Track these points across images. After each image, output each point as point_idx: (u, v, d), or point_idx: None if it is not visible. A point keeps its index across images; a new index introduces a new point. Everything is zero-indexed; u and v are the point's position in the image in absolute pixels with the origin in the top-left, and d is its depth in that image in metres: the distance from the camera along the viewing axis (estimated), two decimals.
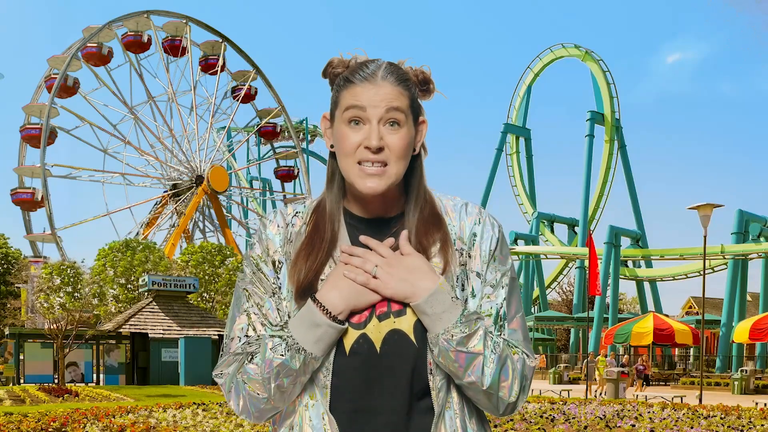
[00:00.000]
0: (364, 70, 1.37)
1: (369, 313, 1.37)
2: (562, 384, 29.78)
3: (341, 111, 1.37)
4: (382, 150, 1.34)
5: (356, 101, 1.35)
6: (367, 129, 1.35)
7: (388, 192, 1.38)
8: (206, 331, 29.47)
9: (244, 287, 1.44)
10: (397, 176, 1.36)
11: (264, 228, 1.46)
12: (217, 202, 54.42)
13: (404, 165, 1.37)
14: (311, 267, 1.38)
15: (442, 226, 1.42)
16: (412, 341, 1.35)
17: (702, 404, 14.80)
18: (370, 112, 1.34)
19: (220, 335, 27.24)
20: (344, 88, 1.38)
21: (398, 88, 1.37)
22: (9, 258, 42.72)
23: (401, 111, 1.36)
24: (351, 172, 1.36)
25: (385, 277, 1.34)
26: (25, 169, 50.59)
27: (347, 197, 1.44)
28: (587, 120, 49.15)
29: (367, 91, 1.35)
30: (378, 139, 1.33)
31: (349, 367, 1.36)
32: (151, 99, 55.42)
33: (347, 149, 1.36)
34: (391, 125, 1.35)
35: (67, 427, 9.56)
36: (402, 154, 1.36)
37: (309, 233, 1.42)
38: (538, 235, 50.44)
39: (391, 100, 1.35)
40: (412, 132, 1.39)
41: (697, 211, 19.16)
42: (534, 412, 11.79)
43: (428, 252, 1.38)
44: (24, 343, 26.12)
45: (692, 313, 49.63)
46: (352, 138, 1.35)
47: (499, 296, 1.41)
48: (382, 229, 1.42)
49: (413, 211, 1.41)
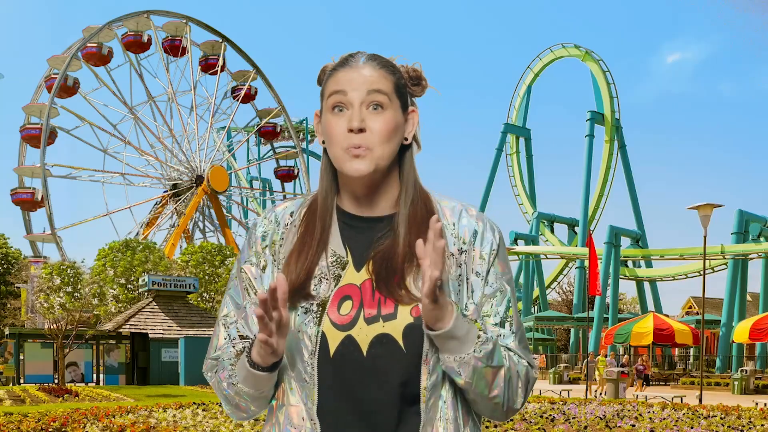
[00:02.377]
0: (348, 60, 1.37)
1: (355, 313, 1.34)
2: (562, 384, 29.76)
3: (325, 99, 1.37)
4: (364, 131, 1.32)
5: (337, 86, 1.34)
6: (349, 113, 1.34)
7: (378, 181, 1.37)
8: (206, 331, 29.43)
9: (228, 294, 1.48)
10: (382, 158, 1.34)
11: (253, 229, 1.46)
12: (217, 202, 54.41)
13: (390, 149, 1.35)
14: (303, 267, 1.37)
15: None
16: (400, 346, 1.31)
17: (702, 404, 14.79)
18: (351, 96, 1.33)
19: None
20: (329, 77, 1.38)
21: (381, 71, 1.36)
22: (9, 258, 42.75)
23: (383, 93, 1.34)
24: (339, 158, 1.35)
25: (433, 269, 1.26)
26: (25, 169, 50.58)
27: (340, 194, 1.42)
28: (587, 120, 49.14)
29: (347, 75, 1.34)
30: (359, 120, 1.32)
31: (334, 369, 1.33)
32: (151, 99, 55.42)
33: (333, 136, 1.34)
34: (374, 108, 1.34)
35: (67, 427, 9.55)
36: (386, 137, 1.34)
37: (301, 233, 1.41)
38: (538, 235, 50.41)
39: (372, 83, 1.34)
40: (398, 117, 1.37)
41: (697, 211, 19.16)
42: (534, 412, 11.78)
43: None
44: (24, 343, 26.09)
45: (692, 313, 49.60)
46: (336, 124, 1.34)
47: (501, 303, 1.39)
48: (375, 227, 1.39)
49: (405, 206, 1.38)
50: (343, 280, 1.37)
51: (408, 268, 1.34)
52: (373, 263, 1.36)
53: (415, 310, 1.32)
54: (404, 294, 1.33)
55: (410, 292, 1.33)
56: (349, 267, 1.38)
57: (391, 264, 1.35)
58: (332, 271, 1.37)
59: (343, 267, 1.38)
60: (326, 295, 1.36)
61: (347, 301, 1.35)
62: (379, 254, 1.36)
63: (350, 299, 1.35)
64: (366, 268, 1.37)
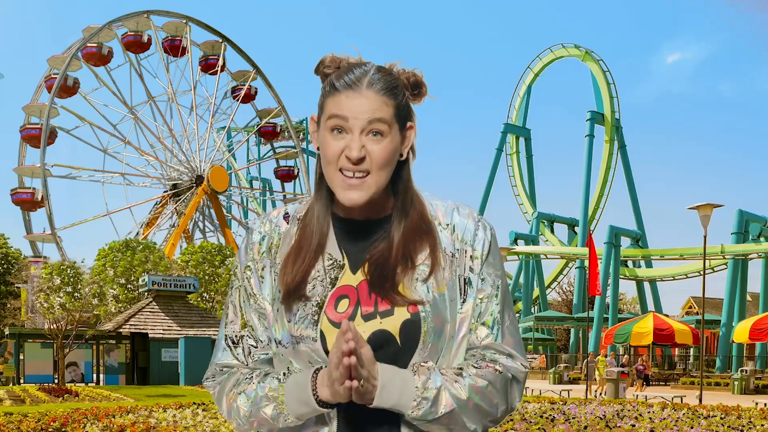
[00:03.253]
0: (350, 76, 1.35)
1: (352, 311, 1.36)
2: (562, 384, 29.75)
3: (325, 118, 1.36)
4: (363, 160, 1.33)
5: (339, 111, 1.34)
6: (348, 138, 1.34)
7: (372, 199, 1.37)
8: (206, 331, 29.46)
9: (230, 300, 1.50)
10: (378, 186, 1.35)
11: (250, 234, 1.48)
12: (217, 202, 54.43)
13: (386, 174, 1.36)
14: (299, 270, 1.39)
15: (430, 231, 1.41)
16: (397, 343, 1.33)
17: (702, 404, 14.79)
18: (352, 123, 1.33)
19: None
20: (329, 94, 1.37)
21: (383, 98, 1.35)
22: (9, 258, 42.76)
23: (384, 122, 1.34)
24: (333, 181, 1.36)
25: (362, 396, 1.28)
26: (25, 169, 50.59)
27: (335, 199, 1.42)
28: (587, 120, 49.16)
29: (350, 101, 1.33)
30: (359, 149, 1.33)
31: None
32: (151, 99, 55.43)
33: (329, 156, 1.35)
34: (374, 135, 1.34)
35: (67, 427, 9.55)
36: (383, 163, 1.34)
37: (297, 238, 1.43)
38: (538, 235, 50.43)
39: (373, 112, 1.33)
40: (396, 141, 1.37)
41: (697, 211, 19.16)
42: (534, 412, 11.78)
43: (414, 259, 1.38)
44: (24, 343, 26.10)
45: (692, 313, 49.60)
46: (333, 146, 1.34)
47: (495, 302, 1.41)
48: (371, 230, 1.41)
49: (400, 216, 1.40)
50: (339, 282, 1.39)
51: (402, 272, 1.37)
52: (369, 266, 1.38)
53: (411, 306, 1.35)
54: (399, 298, 1.35)
55: (405, 296, 1.35)
56: (345, 269, 1.40)
57: (386, 268, 1.37)
58: (329, 274, 1.39)
59: (340, 269, 1.40)
60: (323, 296, 1.38)
61: (344, 300, 1.37)
62: (374, 258, 1.38)
63: (347, 298, 1.37)
64: (362, 270, 1.39)
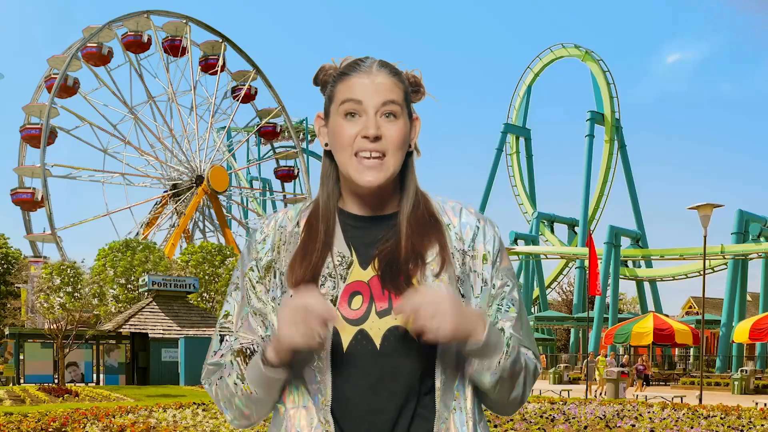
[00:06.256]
0: (359, 64, 1.37)
1: (367, 308, 1.34)
2: (562, 384, 29.77)
3: (337, 105, 1.36)
4: (379, 139, 1.33)
5: (352, 94, 1.34)
6: (363, 120, 1.34)
7: (384, 187, 1.37)
8: (206, 331, 29.42)
9: (227, 299, 1.49)
10: (395, 168, 1.35)
11: (253, 234, 1.47)
12: (217, 202, 54.41)
13: (401, 157, 1.37)
14: (308, 267, 1.37)
15: (438, 228, 1.40)
16: (413, 338, 1.31)
17: (702, 404, 14.79)
18: (366, 104, 1.33)
19: None
20: (339, 81, 1.37)
21: (393, 80, 1.36)
22: (9, 258, 42.73)
23: (397, 103, 1.35)
24: (349, 166, 1.35)
25: (438, 319, 1.22)
26: (25, 169, 50.57)
27: (342, 196, 1.43)
28: (587, 120, 49.14)
29: (362, 83, 1.34)
30: (376, 127, 1.33)
31: (348, 365, 1.33)
32: (151, 99, 55.40)
33: (344, 141, 1.35)
34: (387, 116, 1.34)
35: (67, 427, 9.55)
36: (399, 144, 1.35)
37: (304, 237, 1.41)
38: (538, 235, 50.41)
39: (387, 93, 1.34)
40: (407, 125, 1.38)
41: (697, 211, 19.15)
42: (534, 412, 11.78)
43: (424, 254, 1.37)
44: (24, 343, 26.09)
45: (692, 313, 49.61)
46: (348, 130, 1.34)
47: (512, 299, 1.42)
48: (378, 226, 1.40)
49: (407, 210, 1.40)
50: (349, 278, 1.37)
51: (413, 267, 1.35)
52: (379, 262, 1.37)
53: None
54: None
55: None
56: (355, 266, 1.38)
57: (396, 263, 1.36)
58: (338, 271, 1.38)
59: (349, 266, 1.38)
60: (335, 293, 1.36)
61: (357, 296, 1.36)
62: (383, 254, 1.37)
63: (360, 294, 1.36)
64: (372, 266, 1.38)
